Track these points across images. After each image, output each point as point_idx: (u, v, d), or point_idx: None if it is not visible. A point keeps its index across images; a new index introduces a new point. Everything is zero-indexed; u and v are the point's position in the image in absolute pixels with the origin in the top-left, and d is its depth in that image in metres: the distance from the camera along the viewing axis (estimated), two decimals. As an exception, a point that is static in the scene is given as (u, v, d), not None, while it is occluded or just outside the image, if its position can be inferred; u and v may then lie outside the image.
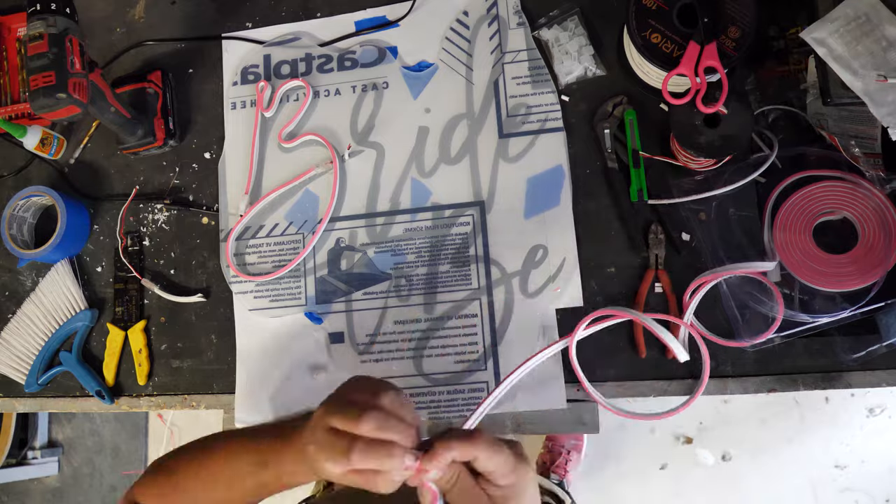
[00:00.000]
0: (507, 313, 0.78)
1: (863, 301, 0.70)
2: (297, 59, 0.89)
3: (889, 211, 0.71)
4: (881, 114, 0.62)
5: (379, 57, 0.87)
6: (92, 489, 2.05)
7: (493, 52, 0.84)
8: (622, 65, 0.81)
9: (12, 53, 0.97)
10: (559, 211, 0.79)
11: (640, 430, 1.66)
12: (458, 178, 0.82)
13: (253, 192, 0.86)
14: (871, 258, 0.71)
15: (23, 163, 0.94)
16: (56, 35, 0.70)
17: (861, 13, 0.63)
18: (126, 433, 2.03)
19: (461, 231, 0.81)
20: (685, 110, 0.70)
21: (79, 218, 0.89)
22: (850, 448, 1.60)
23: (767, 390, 0.74)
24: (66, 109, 0.72)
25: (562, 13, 0.82)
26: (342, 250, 0.83)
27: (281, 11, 0.91)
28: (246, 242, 0.86)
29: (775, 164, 0.75)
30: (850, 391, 1.55)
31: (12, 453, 1.96)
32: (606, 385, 0.76)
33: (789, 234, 0.73)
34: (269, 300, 0.83)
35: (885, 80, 0.62)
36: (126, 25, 0.95)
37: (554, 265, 0.78)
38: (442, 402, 0.78)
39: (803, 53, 0.72)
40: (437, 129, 0.84)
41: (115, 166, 0.92)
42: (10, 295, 0.92)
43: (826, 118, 0.71)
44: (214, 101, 0.90)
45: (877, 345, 0.70)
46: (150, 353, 0.86)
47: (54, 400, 0.89)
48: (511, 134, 0.82)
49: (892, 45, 0.62)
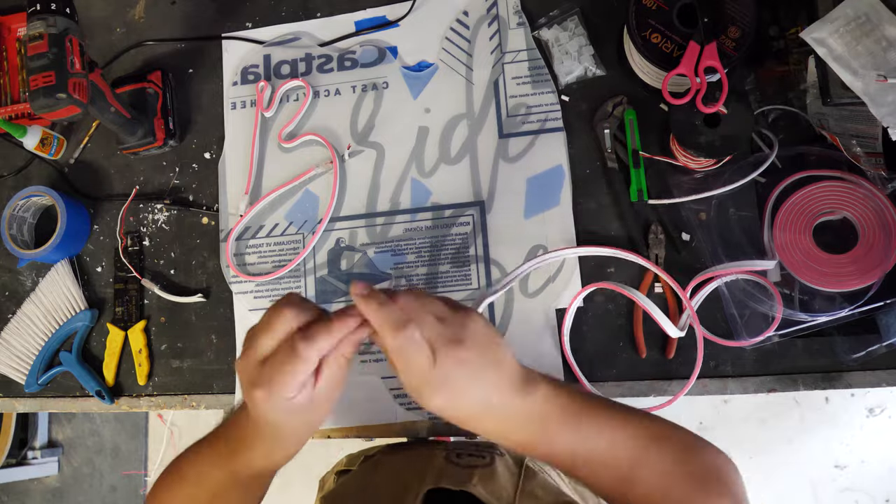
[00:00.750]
0: (507, 313, 0.78)
1: (862, 301, 0.70)
2: (297, 59, 0.89)
3: (889, 211, 0.71)
4: (881, 114, 0.62)
5: (379, 57, 0.87)
6: (92, 489, 2.05)
7: (493, 52, 0.84)
8: (622, 65, 0.81)
9: (12, 53, 0.97)
10: (559, 211, 0.79)
11: (640, 430, 1.67)
12: (458, 178, 0.82)
13: (253, 192, 0.86)
14: (870, 258, 0.71)
15: (23, 163, 0.94)
16: (56, 35, 0.70)
17: (861, 13, 0.63)
18: (126, 433, 2.03)
19: (461, 231, 0.81)
20: (685, 110, 0.70)
21: (79, 218, 0.89)
22: (850, 448, 1.60)
23: (767, 390, 0.74)
24: (66, 109, 0.72)
25: (562, 13, 0.82)
26: (342, 250, 0.83)
27: (281, 11, 0.91)
28: (246, 242, 0.86)
29: (775, 164, 0.75)
30: (850, 391, 1.55)
31: (12, 453, 1.96)
32: (606, 385, 0.76)
33: (789, 234, 0.73)
34: (269, 300, 0.83)
35: (885, 80, 0.62)
36: (126, 25, 0.95)
37: (554, 265, 0.78)
38: (442, 402, 0.78)
39: (803, 53, 0.72)
40: (437, 129, 0.84)
41: (115, 166, 0.92)
42: (10, 295, 0.92)
43: (827, 118, 0.71)
44: (214, 101, 0.90)
45: (877, 345, 0.70)
46: (150, 353, 0.86)
47: (54, 400, 0.89)
48: (511, 134, 0.82)
49: (892, 45, 0.62)
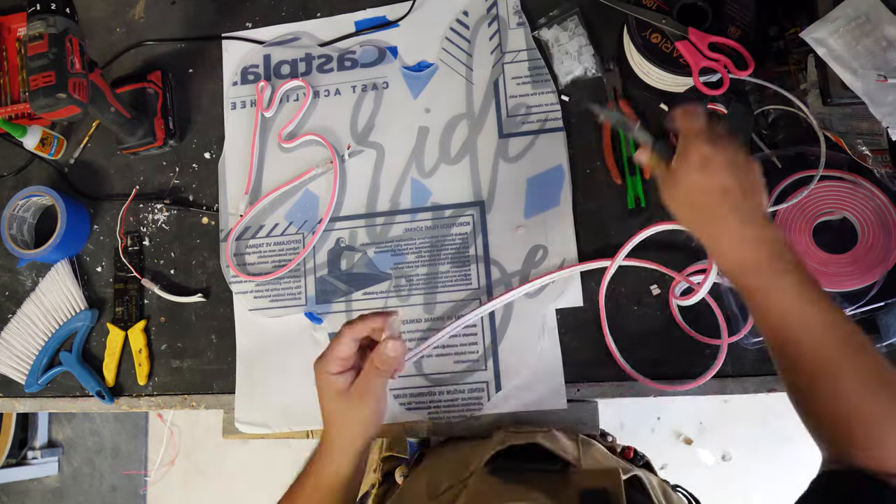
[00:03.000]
0: (507, 313, 0.78)
1: (863, 301, 0.70)
2: (297, 59, 0.89)
3: (889, 211, 0.71)
4: (881, 114, 0.62)
5: (379, 57, 0.87)
6: (92, 489, 2.05)
7: (493, 52, 0.84)
8: (622, 65, 0.81)
9: (12, 53, 0.97)
10: (559, 211, 0.79)
11: (641, 429, 1.67)
12: (458, 178, 0.82)
13: (253, 192, 0.86)
14: (871, 258, 0.71)
15: (23, 163, 0.94)
16: (56, 35, 0.70)
17: (861, 13, 0.64)
18: (126, 433, 2.03)
19: (461, 231, 0.81)
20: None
21: (79, 218, 0.89)
22: (850, 448, 1.60)
23: (767, 390, 0.74)
24: (66, 109, 0.72)
25: (562, 13, 0.82)
26: (342, 250, 0.83)
27: (281, 11, 0.91)
28: (246, 242, 0.86)
29: (775, 164, 0.75)
30: (850, 391, 1.55)
31: (12, 453, 1.96)
32: (606, 385, 0.76)
33: (789, 234, 0.73)
34: (269, 300, 0.83)
35: (885, 79, 0.62)
36: (126, 25, 0.95)
37: (554, 265, 0.78)
38: (442, 402, 0.78)
39: (803, 53, 0.72)
40: (437, 129, 0.84)
41: (115, 166, 0.92)
42: (10, 295, 0.92)
43: (830, 118, 0.71)
44: (214, 101, 0.90)
45: (877, 345, 0.70)
46: (151, 353, 0.86)
47: (54, 400, 0.89)
48: (511, 134, 0.82)
49: (892, 45, 0.62)
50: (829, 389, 0.51)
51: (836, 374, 0.50)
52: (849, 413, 0.50)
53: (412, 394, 0.78)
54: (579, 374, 0.77)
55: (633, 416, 1.67)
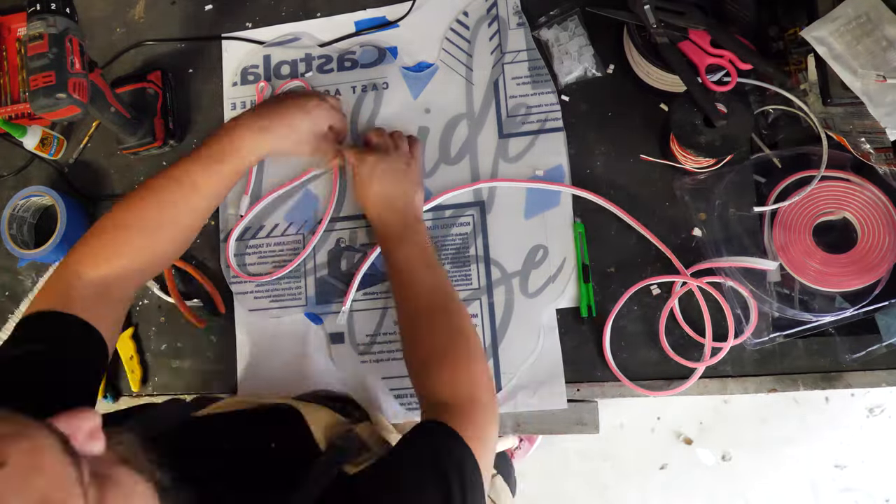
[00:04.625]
0: (507, 313, 0.78)
1: (863, 301, 0.70)
2: (297, 59, 0.89)
3: (889, 211, 0.71)
4: (880, 114, 0.62)
5: (379, 57, 0.87)
6: (92, 489, 2.04)
7: (493, 53, 0.84)
8: (622, 65, 0.81)
9: (12, 53, 0.97)
10: (559, 211, 0.79)
11: (640, 430, 1.67)
12: (458, 178, 0.82)
13: (253, 192, 0.86)
14: (871, 258, 0.71)
15: (23, 163, 0.94)
16: (56, 35, 0.70)
17: (861, 13, 0.64)
18: (126, 433, 2.03)
19: (461, 231, 0.81)
20: (685, 110, 0.70)
21: (79, 218, 0.89)
22: (850, 448, 1.60)
23: (767, 390, 0.74)
24: (66, 109, 0.72)
25: (562, 13, 0.82)
26: (342, 250, 0.83)
27: (281, 11, 0.91)
28: (246, 243, 0.86)
29: (775, 164, 0.75)
30: (850, 391, 1.55)
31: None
32: (606, 385, 0.76)
33: (789, 234, 0.73)
34: (269, 300, 0.83)
35: (885, 80, 0.62)
36: (126, 25, 0.95)
37: (554, 265, 0.78)
38: (442, 402, 0.78)
39: (803, 53, 0.72)
40: (437, 129, 0.84)
41: (115, 166, 0.92)
42: (10, 295, 0.92)
43: (833, 117, 0.71)
44: (214, 102, 0.90)
45: (877, 345, 0.70)
46: (142, 358, 0.86)
47: (54, 400, 0.89)
48: (511, 134, 0.82)
49: (892, 44, 0.62)
50: (426, 325, 0.68)
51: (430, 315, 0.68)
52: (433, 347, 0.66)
53: (412, 394, 0.78)
54: (579, 374, 0.77)
55: (633, 416, 1.67)
